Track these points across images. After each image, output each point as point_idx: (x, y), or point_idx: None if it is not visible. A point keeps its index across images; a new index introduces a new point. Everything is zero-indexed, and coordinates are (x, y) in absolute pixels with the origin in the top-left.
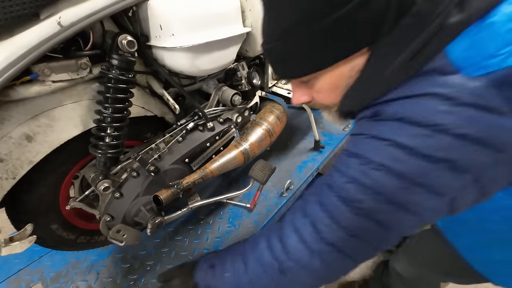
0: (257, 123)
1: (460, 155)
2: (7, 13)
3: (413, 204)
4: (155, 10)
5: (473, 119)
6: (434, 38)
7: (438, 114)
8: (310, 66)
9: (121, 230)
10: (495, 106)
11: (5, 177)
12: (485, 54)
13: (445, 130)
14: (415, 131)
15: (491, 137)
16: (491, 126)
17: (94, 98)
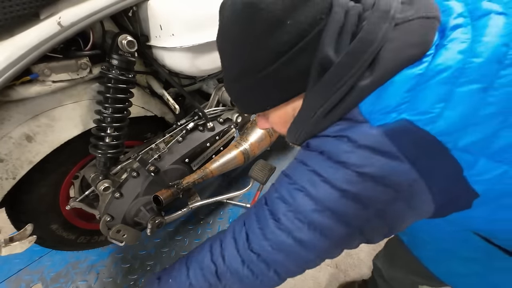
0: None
1: (361, 190)
2: (7, 13)
3: (325, 228)
4: (155, 10)
5: (370, 160)
6: (348, 96)
7: (344, 153)
8: (258, 106)
9: (121, 230)
10: (388, 151)
11: (5, 177)
12: (384, 109)
13: (348, 167)
14: (328, 164)
15: (386, 177)
16: (385, 168)
17: (94, 98)
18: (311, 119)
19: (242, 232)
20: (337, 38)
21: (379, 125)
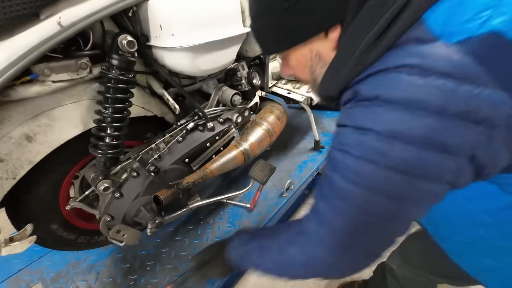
0: (257, 123)
1: (447, 135)
2: (7, 13)
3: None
4: (155, 10)
5: (454, 93)
6: (405, 10)
7: (417, 89)
8: (277, 46)
9: (121, 230)
10: (476, 77)
11: (5, 177)
12: (462, 18)
13: (425, 108)
14: (393, 112)
15: (477, 112)
16: (473, 99)
17: (94, 98)
18: (352, 56)
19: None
20: None
21: (457, 42)
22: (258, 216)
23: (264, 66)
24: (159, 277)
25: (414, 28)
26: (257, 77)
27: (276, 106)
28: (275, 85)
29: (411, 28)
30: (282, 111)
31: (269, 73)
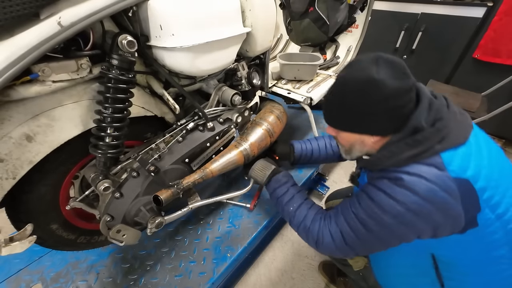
0: (257, 123)
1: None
2: (7, 13)
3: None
4: (155, 10)
5: (443, 198)
6: (440, 143)
7: (424, 187)
8: (344, 127)
9: (121, 230)
10: (455, 196)
11: (5, 177)
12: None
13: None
14: (409, 195)
15: (446, 208)
16: (448, 203)
17: (94, 98)
18: (393, 157)
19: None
20: (426, 116)
21: (453, 176)
22: (258, 216)
23: (264, 66)
24: (159, 277)
25: (435, 157)
26: (257, 77)
27: (276, 106)
28: (275, 85)
29: (434, 156)
30: (282, 111)
31: (269, 73)
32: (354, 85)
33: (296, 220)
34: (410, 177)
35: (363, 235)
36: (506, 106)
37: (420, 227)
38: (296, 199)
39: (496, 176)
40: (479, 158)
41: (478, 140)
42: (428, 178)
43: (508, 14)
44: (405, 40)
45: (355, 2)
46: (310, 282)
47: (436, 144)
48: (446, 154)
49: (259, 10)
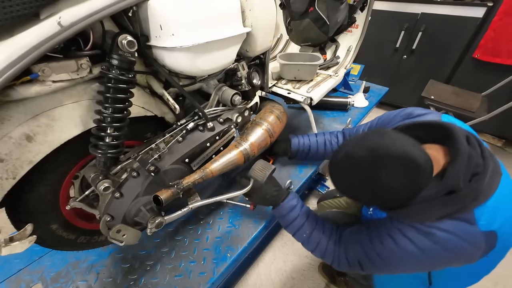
0: (257, 123)
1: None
2: (7, 13)
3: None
4: (155, 10)
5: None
6: (462, 209)
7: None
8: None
9: (121, 230)
10: (478, 248)
11: (5, 177)
12: (490, 218)
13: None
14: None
15: (467, 257)
16: (472, 253)
17: (94, 98)
18: (427, 214)
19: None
20: (464, 174)
21: (483, 230)
22: (258, 216)
23: (264, 66)
24: (159, 277)
25: (468, 213)
26: (257, 77)
27: (276, 106)
28: (275, 85)
29: (467, 213)
30: (282, 111)
31: (269, 73)
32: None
33: (310, 246)
34: (443, 234)
35: (382, 267)
36: (506, 106)
37: (438, 268)
38: (306, 226)
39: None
40: (505, 205)
41: (504, 183)
42: (460, 236)
43: (508, 14)
44: (405, 40)
45: (355, 2)
46: (310, 282)
47: (470, 203)
48: (477, 209)
49: (259, 10)
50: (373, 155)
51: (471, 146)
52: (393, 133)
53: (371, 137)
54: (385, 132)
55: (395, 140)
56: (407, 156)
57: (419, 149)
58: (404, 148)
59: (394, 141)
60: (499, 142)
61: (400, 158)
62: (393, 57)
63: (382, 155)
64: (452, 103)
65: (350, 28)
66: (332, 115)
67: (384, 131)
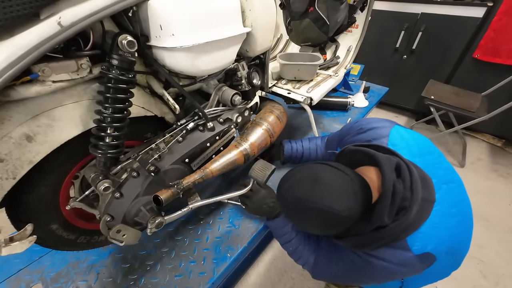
0: (257, 123)
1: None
2: (7, 13)
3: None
4: (155, 10)
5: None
6: (395, 240)
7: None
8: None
9: (121, 230)
10: (415, 268)
11: (5, 177)
12: (423, 242)
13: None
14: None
15: (405, 275)
16: (408, 273)
17: (94, 98)
18: (363, 246)
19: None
20: (389, 210)
21: (416, 254)
22: (258, 216)
23: (264, 66)
24: (159, 277)
25: (401, 242)
26: (257, 77)
27: (276, 106)
28: (275, 85)
29: (400, 241)
30: (282, 111)
31: (269, 73)
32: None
33: (294, 257)
34: (378, 262)
35: (338, 280)
36: (506, 106)
37: (384, 281)
38: (294, 241)
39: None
40: (440, 227)
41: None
42: (394, 261)
43: (508, 14)
44: (405, 40)
45: (355, 2)
46: (310, 282)
47: (401, 233)
48: (410, 237)
49: (259, 10)
50: (299, 204)
51: (400, 178)
52: (328, 179)
53: (303, 185)
54: (318, 179)
55: (325, 191)
56: (331, 211)
57: (347, 200)
58: (329, 203)
59: (323, 193)
60: (499, 142)
61: (324, 212)
62: (393, 57)
63: (307, 206)
64: (452, 103)
65: (350, 28)
66: (332, 115)
67: (320, 178)
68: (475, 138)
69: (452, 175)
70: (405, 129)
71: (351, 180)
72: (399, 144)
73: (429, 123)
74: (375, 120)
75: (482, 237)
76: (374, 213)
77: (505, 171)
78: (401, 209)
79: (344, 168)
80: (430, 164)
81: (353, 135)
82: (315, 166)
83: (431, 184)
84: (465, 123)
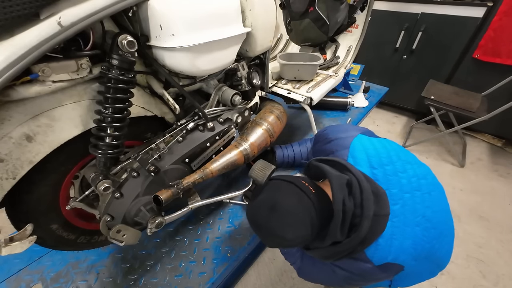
0: (257, 123)
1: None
2: (7, 13)
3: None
4: (155, 10)
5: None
6: (355, 249)
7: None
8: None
9: (121, 230)
10: (379, 277)
11: (5, 177)
12: (383, 253)
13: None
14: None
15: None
16: (372, 281)
17: (94, 98)
18: (326, 258)
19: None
20: (340, 228)
21: (377, 265)
22: None
23: (264, 66)
24: (159, 277)
25: (360, 254)
26: (257, 77)
27: (276, 106)
28: (275, 85)
29: (359, 253)
30: (282, 111)
31: (269, 73)
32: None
33: (285, 256)
34: (341, 271)
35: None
36: (506, 106)
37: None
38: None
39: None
40: (399, 238)
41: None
42: (355, 272)
43: (508, 14)
44: (405, 40)
45: (355, 2)
46: (310, 282)
47: (357, 247)
48: (368, 249)
49: (259, 10)
50: (256, 227)
51: (351, 195)
52: (285, 208)
53: (261, 211)
54: (276, 207)
55: (279, 221)
56: (283, 238)
57: (300, 229)
58: (281, 233)
59: (277, 222)
60: (499, 142)
61: (277, 238)
62: (393, 57)
63: (263, 230)
64: (452, 103)
65: (350, 28)
66: (332, 115)
67: (278, 205)
68: (475, 138)
69: (419, 182)
70: (369, 138)
71: (312, 206)
72: (359, 156)
73: (429, 123)
74: (341, 129)
75: (482, 237)
76: (328, 231)
77: (505, 171)
78: (353, 225)
79: (307, 189)
80: (391, 174)
81: (322, 144)
82: (281, 187)
83: (385, 198)
84: (465, 123)
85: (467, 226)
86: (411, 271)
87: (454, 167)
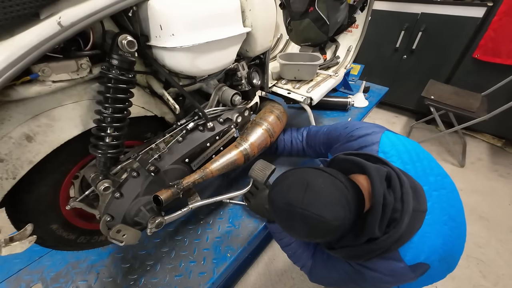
0: (257, 123)
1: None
2: (7, 13)
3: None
4: (155, 10)
5: (391, 284)
6: (390, 248)
7: (381, 280)
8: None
9: (121, 230)
10: (408, 277)
11: (5, 177)
12: (416, 254)
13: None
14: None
15: (391, 285)
16: (401, 282)
17: (94, 98)
18: (355, 258)
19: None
20: (380, 223)
21: (409, 265)
22: (258, 216)
23: (264, 66)
24: (159, 277)
25: (393, 253)
26: (257, 77)
27: (276, 106)
28: (275, 85)
29: (393, 252)
30: (282, 111)
31: (269, 73)
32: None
33: (293, 259)
34: (370, 272)
35: (340, 286)
36: (506, 106)
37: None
38: (294, 245)
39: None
40: (431, 236)
41: (433, 215)
42: (385, 273)
43: (508, 14)
44: (405, 40)
45: (355, 2)
46: (310, 282)
47: (392, 245)
48: (402, 248)
49: (259, 10)
50: (288, 209)
51: (391, 189)
52: (320, 186)
53: (294, 190)
54: (310, 185)
55: (316, 198)
56: (320, 219)
57: (339, 210)
58: (319, 211)
59: (314, 200)
60: (499, 142)
61: (313, 220)
62: (393, 57)
63: (296, 212)
64: (452, 103)
65: (350, 28)
66: (332, 115)
67: (312, 183)
68: (475, 138)
69: (443, 180)
70: (395, 134)
71: (345, 188)
72: (390, 152)
73: (429, 123)
74: (365, 126)
75: (482, 237)
76: (365, 225)
77: (505, 171)
78: (392, 220)
79: (338, 175)
80: (420, 171)
81: (344, 143)
82: (309, 171)
83: (422, 193)
84: (465, 123)
85: (467, 226)
86: (431, 273)
87: (454, 167)
